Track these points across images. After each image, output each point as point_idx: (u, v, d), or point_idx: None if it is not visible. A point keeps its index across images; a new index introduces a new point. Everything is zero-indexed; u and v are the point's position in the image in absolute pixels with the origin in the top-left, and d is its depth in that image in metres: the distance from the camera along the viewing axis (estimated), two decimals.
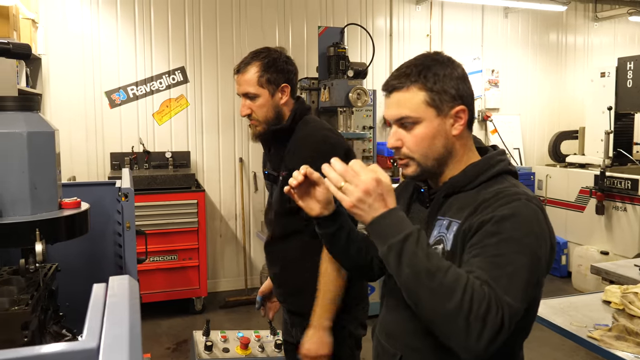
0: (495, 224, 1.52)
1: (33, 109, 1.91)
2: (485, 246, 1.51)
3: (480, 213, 1.57)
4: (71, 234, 1.96)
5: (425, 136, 1.67)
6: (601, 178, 6.93)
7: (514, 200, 1.56)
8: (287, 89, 2.64)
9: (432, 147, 1.68)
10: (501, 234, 1.51)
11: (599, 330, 2.79)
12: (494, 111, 8.48)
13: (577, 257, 7.19)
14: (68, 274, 2.39)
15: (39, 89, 6.07)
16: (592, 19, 9.11)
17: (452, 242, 1.62)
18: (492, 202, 1.58)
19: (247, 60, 2.63)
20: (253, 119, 2.65)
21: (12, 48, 1.99)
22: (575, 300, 3.30)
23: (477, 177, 1.69)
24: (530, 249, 1.51)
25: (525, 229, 1.53)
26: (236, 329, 5.77)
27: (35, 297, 1.78)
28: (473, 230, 1.56)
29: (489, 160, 1.73)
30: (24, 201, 1.85)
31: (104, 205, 2.64)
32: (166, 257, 6.06)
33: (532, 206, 1.58)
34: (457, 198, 1.70)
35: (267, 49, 2.68)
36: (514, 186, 1.65)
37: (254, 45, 6.75)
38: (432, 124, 1.67)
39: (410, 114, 1.67)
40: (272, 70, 2.59)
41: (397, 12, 7.79)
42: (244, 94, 2.63)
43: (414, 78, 1.66)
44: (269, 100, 2.61)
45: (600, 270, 3.92)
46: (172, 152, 6.60)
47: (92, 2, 6.33)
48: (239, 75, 2.63)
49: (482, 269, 1.47)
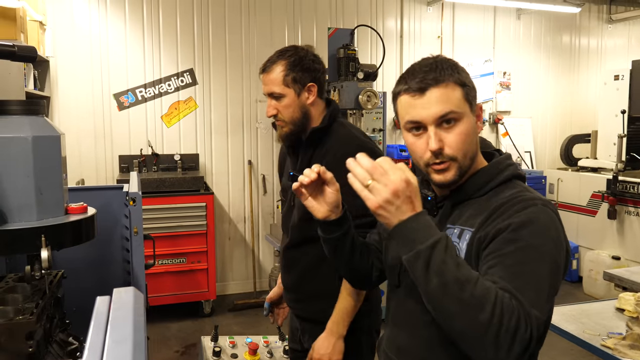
0: (513, 231, 1.46)
1: (38, 112, 1.88)
2: (504, 255, 1.44)
3: (496, 220, 1.51)
4: (77, 239, 1.93)
5: (468, 133, 1.60)
6: (614, 182, 6.87)
7: (530, 205, 1.50)
8: (313, 88, 2.55)
9: (471, 144, 1.62)
10: (520, 241, 1.44)
11: (612, 338, 2.76)
12: (505, 114, 8.41)
13: (588, 262, 7.14)
14: (75, 278, 2.37)
15: (47, 91, 6.05)
16: (606, 21, 9.03)
17: (465, 250, 1.55)
18: (507, 208, 1.52)
19: (272, 59, 2.55)
20: (279, 119, 2.56)
21: (18, 51, 1.95)
22: (588, 307, 3.27)
23: (487, 184, 1.63)
24: (550, 256, 1.46)
25: (543, 236, 1.47)
26: (245, 332, 5.79)
27: (41, 305, 1.75)
28: (489, 238, 1.49)
29: (498, 165, 1.67)
30: (30, 206, 1.82)
31: (112, 209, 2.61)
32: (175, 260, 6.02)
33: (549, 211, 1.52)
34: (467, 205, 1.64)
35: (294, 47, 2.61)
36: (527, 191, 1.59)
37: (263, 47, 6.84)
38: (470, 120, 1.61)
39: (456, 109, 1.58)
40: (298, 69, 2.51)
41: (408, 13, 7.73)
42: (269, 94, 2.55)
43: (449, 72, 1.59)
44: (295, 100, 2.52)
45: (613, 276, 3.86)
46: (180, 155, 6.57)
47: (100, 3, 6.31)
48: (265, 74, 2.55)
49: (505, 280, 1.39)
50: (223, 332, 4.36)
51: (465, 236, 1.57)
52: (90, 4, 6.28)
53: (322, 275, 2.57)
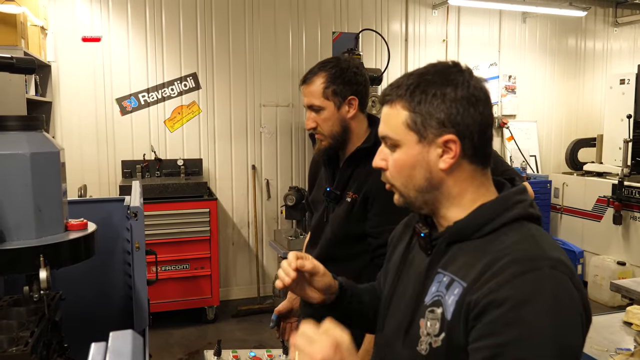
0: (511, 310, 1.20)
1: (37, 128, 1.83)
2: (499, 346, 1.20)
3: (488, 283, 1.25)
4: (77, 257, 1.90)
5: (405, 163, 1.40)
6: (619, 187, 6.84)
7: (534, 269, 1.24)
8: (354, 101, 2.46)
9: (412, 177, 1.41)
10: (519, 325, 1.19)
11: (621, 355, 2.72)
12: (511, 118, 8.36)
13: (593, 267, 7.12)
14: (75, 292, 2.34)
15: (48, 96, 6.01)
16: (612, 24, 8.98)
17: (454, 309, 1.31)
18: (504, 268, 1.25)
19: (314, 70, 2.48)
20: (318, 132, 2.48)
21: (16, 63, 1.91)
22: (595, 320, 3.14)
23: (487, 224, 1.36)
24: (561, 342, 1.20)
25: (551, 315, 1.20)
26: (248, 338, 5.76)
27: (36, 334, 1.69)
28: (479, 309, 1.25)
29: (505, 202, 1.39)
30: (28, 225, 1.79)
31: (113, 222, 2.58)
32: (178, 266, 5.98)
33: (558, 274, 1.24)
34: (462, 248, 1.38)
35: (337, 58, 2.53)
36: (535, 241, 1.32)
37: (267, 51, 6.80)
38: (412, 150, 1.39)
39: (391, 134, 1.42)
40: (339, 81, 2.42)
41: (413, 16, 7.68)
42: (309, 106, 2.48)
43: (400, 92, 1.40)
44: (335, 114, 2.44)
45: (620, 287, 3.80)
46: (184, 160, 6.53)
47: (102, 7, 6.26)
48: (305, 86, 2.48)
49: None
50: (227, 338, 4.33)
51: (454, 290, 1.33)
52: (92, 8, 6.23)
53: None
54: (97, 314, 2.65)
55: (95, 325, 2.60)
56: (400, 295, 1.53)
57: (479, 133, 1.38)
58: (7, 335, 1.70)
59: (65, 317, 2.23)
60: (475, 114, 1.37)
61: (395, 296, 1.57)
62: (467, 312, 1.27)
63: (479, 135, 1.38)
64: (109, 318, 2.69)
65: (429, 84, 1.38)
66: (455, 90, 1.36)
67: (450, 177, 1.40)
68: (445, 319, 1.33)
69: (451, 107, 1.35)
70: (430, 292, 1.40)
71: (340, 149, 2.53)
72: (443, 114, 1.35)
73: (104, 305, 2.69)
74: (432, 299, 1.39)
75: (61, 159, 1.90)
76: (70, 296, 2.22)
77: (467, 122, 1.36)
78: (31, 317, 1.84)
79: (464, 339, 1.28)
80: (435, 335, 1.34)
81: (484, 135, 1.40)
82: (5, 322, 1.80)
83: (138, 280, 2.44)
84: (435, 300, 1.37)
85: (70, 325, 2.34)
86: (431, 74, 1.40)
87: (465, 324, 1.28)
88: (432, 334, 1.35)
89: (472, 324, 1.25)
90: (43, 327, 1.79)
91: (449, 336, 1.31)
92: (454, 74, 1.39)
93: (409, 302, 1.46)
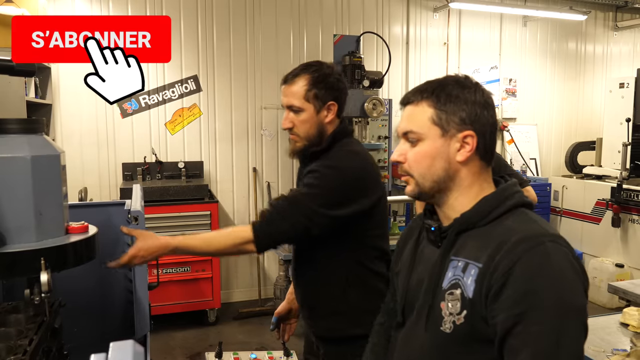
0: (525, 283, 1.40)
1: (37, 131, 1.83)
2: (519, 315, 1.39)
3: (503, 261, 1.43)
4: (78, 260, 1.89)
5: (426, 154, 1.60)
6: (618, 190, 6.88)
7: (538, 244, 1.43)
8: (333, 107, 2.49)
9: (431, 167, 1.60)
10: (533, 294, 1.39)
11: (617, 355, 2.74)
12: (511, 121, 8.37)
13: (592, 270, 7.15)
14: (75, 296, 2.33)
15: (48, 99, 6.00)
16: (612, 28, 9.01)
17: (473, 288, 1.49)
18: (515, 246, 1.44)
19: (296, 71, 2.50)
20: (294, 133, 2.51)
21: (16, 66, 1.91)
22: (593, 322, 3.25)
23: (490, 212, 1.56)
24: (569, 303, 1.40)
25: (558, 282, 1.40)
26: (249, 340, 5.75)
27: (35, 342, 1.68)
28: (498, 285, 1.43)
29: (503, 193, 1.60)
30: (29, 228, 1.79)
31: (113, 226, 2.56)
32: (179, 269, 5.99)
33: (559, 247, 1.45)
34: (470, 235, 1.57)
35: (319, 62, 2.55)
36: (534, 222, 1.53)
37: (268, 54, 6.80)
38: (434, 143, 1.59)
39: (415, 129, 1.61)
40: (321, 85, 2.45)
41: (414, 19, 7.70)
42: (288, 106, 2.49)
43: (426, 94, 1.60)
44: (313, 117, 2.46)
45: (617, 289, 3.87)
46: (184, 162, 6.52)
47: (102, 9, 6.26)
48: (286, 86, 2.49)
49: (524, 348, 1.38)
50: (228, 341, 4.31)
51: (470, 271, 1.51)
52: (93, 9, 6.23)
53: (330, 293, 2.53)
54: (97, 319, 2.65)
55: (96, 331, 2.59)
56: (416, 287, 1.68)
57: (490, 133, 1.61)
58: (5, 344, 1.68)
59: (65, 323, 2.23)
60: (488, 116, 1.60)
61: (410, 290, 1.72)
62: (488, 289, 1.45)
63: (490, 135, 1.62)
64: (110, 324, 2.69)
65: (451, 87, 1.60)
66: (474, 94, 1.59)
67: (464, 169, 1.60)
68: (466, 298, 1.50)
69: (471, 108, 1.58)
70: (447, 278, 1.56)
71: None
72: (465, 113, 1.57)
73: (104, 311, 2.69)
74: (449, 283, 1.55)
75: (62, 162, 1.89)
76: (71, 302, 2.21)
77: (483, 122, 1.59)
78: (30, 324, 1.84)
79: (485, 312, 1.45)
80: (458, 313, 1.51)
81: (493, 136, 1.63)
82: (3, 329, 1.79)
83: (139, 285, 2.44)
84: (454, 284, 1.54)
85: (71, 332, 2.34)
86: (451, 81, 1.62)
87: (486, 299, 1.45)
88: (454, 313, 1.51)
89: (494, 299, 1.43)
90: (42, 334, 1.78)
91: (471, 312, 1.48)
92: (469, 83, 1.62)
93: (426, 290, 1.61)
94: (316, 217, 2.31)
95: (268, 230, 2.32)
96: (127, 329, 2.54)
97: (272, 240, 2.36)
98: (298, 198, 2.35)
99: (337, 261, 2.48)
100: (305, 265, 2.64)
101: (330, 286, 2.51)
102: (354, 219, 2.39)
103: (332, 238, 2.44)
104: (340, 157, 2.45)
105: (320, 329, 2.65)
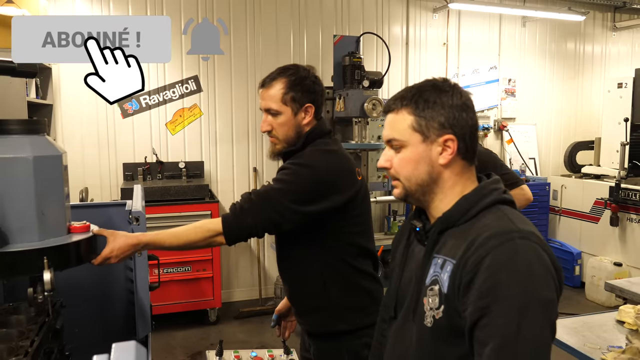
0: (491, 276, 1.45)
1: (39, 131, 1.85)
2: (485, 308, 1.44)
3: (473, 256, 1.50)
4: (80, 259, 1.91)
5: (410, 160, 1.66)
6: (616, 190, 6.92)
7: (507, 240, 1.49)
8: (311, 109, 2.53)
9: (415, 171, 1.66)
10: (498, 287, 1.44)
11: (612, 352, 2.77)
12: (510, 121, 8.39)
13: (590, 268, 7.21)
14: (76, 297, 2.34)
15: (49, 99, 6.01)
16: (610, 29, 9.03)
17: (448, 284, 1.55)
18: (484, 242, 1.50)
19: (273, 75, 2.54)
20: (273, 136, 2.56)
21: (17, 66, 1.93)
22: (589, 319, 3.29)
23: (468, 210, 1.63)
24: (535, 297, 1.45)
25: (524, 276, 1.45)
26: (250, 340, 5.76)
27: (36, 343, 1.70)
28: (468, 279, 1.49)
29: (482, 191, 1.66)
30: (31, 227, 1.80)
31: (115, 226, 2.57)
32: (180, 268, 6.00)
33: (528, 243, 1.50)
34: (451, 234, 1.63)
35: (296, 66, 2.59)
36: (507, 219, 1.57)
37: (268, 54, 6.82)
38: (417, 149, 1.65)
39: (397, 136, 1.67)
40: (298, 88, 2.49)
41: (414, 20, 7.72)
42: (266, 110, 2.54)
43: (405, 102, 1.66)
44: (291, 119, 2.51)
45: (614, 287, 3.89)
46: (185, 162, 6.55)
47: (103, 9, 6.28)
48: (264, 89, 2.54)
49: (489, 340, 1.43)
50: (229, 340, 4.33)
51: (447, 267, 1.57)
52: (93, 9, 6.25)
53: (309, 289, 2.58)
54: (99, 320, 2.66)
55: (98, 332, 2.61)
56: (406, 284, 1.76)
57: (470, 134, 1.65)
58: (6, 345, 1.69)
59: (67, 324, 2.24)
60: (467, 118, 1.65)
61: (402, 286, 1.79)
62: (459, 283, 1.51)
63: (470, 136, 1.66)
64: (111, 325, 2.70)
65: (430, 93, 1.65)
66: (451, 98, 1.64)
67: (446, 171, 1.66)
68: (443, 293, 1.56)
69: (449, 112, 1.63)
70: (429, 275, 1.63)
71: None
72: (443, 117, 1.63)
73: (106, 312, 2.70)
74: (430, 279, 1.62)
75: (64, 162, 1.91)
76: (72, 303, 2.23)
77: (462, 124, 1.63)
78: (31, 325, 1.85)
79: (459, 306, 1.51)
80: (436, 308, 1.57)
81: (473, 136, 1.67)
82: (5, 331, 1.80)
83: (140, 285, 2.44)
84: (434, 280, 1.60)
85: (72, 333, 2.35)
86: (429, 87, 1.67)
87: (458, 293, 1.51)
88: (434, 308, 1.58)
89: (464, 292, 1.49)
90: (43, 335, 1.79)
91: (447, 307, 1.55)
92: (447, 87, 1.66)
93: (414, 287, 1.69)
94: (287, 213, 2.36)
95: (238, 223, 2.37)
96: (128, 330, 2.55)
97: (242, 233, 2.39)
98: (270, 193, 2.39)
99: (311, 256, 2.51)
100: (285, 262, 2.70)
101: (309, 282, 2.57)
102: (326, 215, 2.43)
103: (305, 234, 2.49)
104: (311, 155, 2.49)
105: (307, 325, 2.71)
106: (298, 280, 2.65)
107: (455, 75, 7.82)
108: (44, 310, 1.94)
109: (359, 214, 2.57)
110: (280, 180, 2.43)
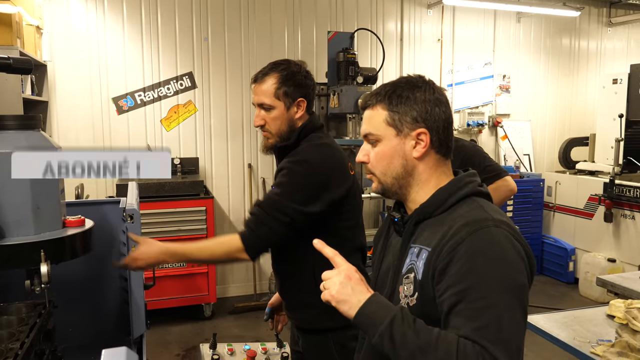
0: (467, 262, 1.50)
1: (35, 127, 1.86)
2: (462, 292, 1.48)
3: (448, 243, 1.54)
4: (76, 253, 1.92)
5: (385, 154, 1.72)
6: (610, 186, 6.94)
7: (481, 227, 1.54)
8: (303, 103, 2.58)
9: (390, 165, 1.72)
10: (475, 272, 1.49)
11: (602, 345, 2.79)
12: (505, 117, 8.41)
13: (584, 264, 7.24)
14: (70, 295, 2.34)
15: (44, 96, 6.02)
16: (605, 24, 9.04)
17: (422, 270, 1.60)
18: (458, 230, 1.55)
19: (265, 70, 2.58)
20: (266, 130, 2.60)
21: (13, 63, 1.94)
22: (580, 314, 3.31)
23: (444, 202, 1.68)
24: (509, 281, 1.49)
25: (499, 261, 1.51)
26: (245, 334, 5.78)
27: (26, 345, 1.70)
28: (442, 265, 1.53)
29: (457, 183, 1.71)
30: (27, 221, 1.81)
31: (109, 224, 2.57)
32: (175, 264, 5.99)
33: (501, 231, 1.55)
34: (427, 224, 1.69)
35: (287, 61, 2.63)
36: (481, 209, 1.63)
37: (262, 50, 6.83)
38: (391, 142, 1.70)
39: (373, 131, 1.72)
40: (290, 83, 2.53)
41: (408, 16, 7.72)
42: (259, 104, 2.58)
43: (380, 98, 1.72)
44: (284, 114, 2.55)
45: (606, 282, 3.93)
46: (180, 159, 6.56)
47: (97, 6, 6.28)
48: (256, 84, 2.58)
49: (466, 324, 1.45)
50: (223, 334, 4.33)
51: (422, 255, 1.62)
52: (88, 7, 6.25)
53: (300, 284, 2.61)
54: (92, 319, 2.65)
55: (91, 331, 2.60)
56: (384, 274, 1.82)
57: (443, 128, 1.70)
58: None
59: (60, 324, 2.25)
60: (440, 113, 1.70)
61: (380, 276, 1.86)
62: (434, 270, 1.56)
63: (443, 130, 1.71)
64: (105, 324, 2.69)
65: (403, 89, 1.71)
66: (424, 93, 1.70)
67: (421, 164, 1.71)
68: (417, 280, 1.61)
69: (422, 107, 1.69)
70: (406, 264, 1.69)
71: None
72: (415, 112, 1.68)
73: (99, 311, 2.69)
74: (407, 268, 1.68)
75: None
76: (65, 302, 2.22)
77: (435, 118, 1.69)
78: (22, 326, 1.84)
79: (433, 293, 1.56)
80: (411, 295, 1.62)
81: (447, 130, 1.72)
82: None
83: (135, 284, 2.44)
84: (410, 268, 1.66)
85: (65, 332, 2.36)
86: (403, 83, 1.73)
87: (432, 279, 1.56)
88: (408, 295, 1.63)
89: (439, 279, 1.53)
90: (34, 336, 1.79)
91: (421, 293, 1.59)
92: (420, 83, 1.72)
93: (391, 276, 1.76)
94: (293, 213, 2.40)
95: (255, 238, 2.42)
96: (122, 329, 2.55)
97: (262, 244, 2.46)
98: (274, 199, 2.44)
99: (304, 252, 2.51)
100: (278, 258, 2.74)
101: (300, 278, 2.60)
102: (325, 209, 2.47)
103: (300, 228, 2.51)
104: (306, 152, 2.53)
105: (296, 320, 2.75)
106: (290, 275, 2.68)
107: (449, 72, 7.83)
108: (36, 310, 1.94)
109: (351, 209, 2.59)
110: (280, 184, 2.47)
